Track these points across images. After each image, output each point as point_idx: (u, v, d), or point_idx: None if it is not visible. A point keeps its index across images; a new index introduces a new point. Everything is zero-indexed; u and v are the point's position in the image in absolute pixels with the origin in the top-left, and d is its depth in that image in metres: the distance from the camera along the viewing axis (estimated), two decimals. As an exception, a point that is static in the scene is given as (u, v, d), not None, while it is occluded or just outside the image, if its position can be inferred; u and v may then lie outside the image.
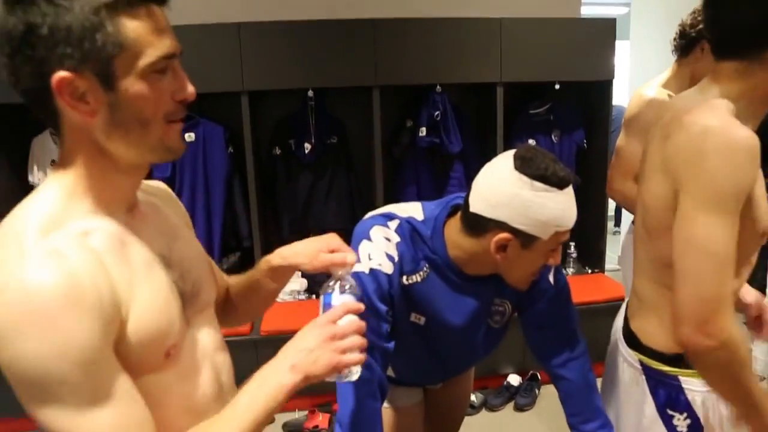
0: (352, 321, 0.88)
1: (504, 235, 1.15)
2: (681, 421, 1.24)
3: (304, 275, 3.25)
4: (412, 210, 1.30)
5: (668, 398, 1.24)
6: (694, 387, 1.23)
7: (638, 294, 1.29)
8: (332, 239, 1.02)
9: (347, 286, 0.93)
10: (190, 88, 0.79)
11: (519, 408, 2.94)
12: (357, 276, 1.19)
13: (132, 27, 0.71)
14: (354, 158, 3.28)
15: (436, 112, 3.06)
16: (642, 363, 1.26)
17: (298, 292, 3.21)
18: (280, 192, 3.22)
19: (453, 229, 1.24)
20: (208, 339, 0.93)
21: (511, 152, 1.16)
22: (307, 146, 3.09)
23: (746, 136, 1.00)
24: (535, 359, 1.47)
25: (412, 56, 2.98)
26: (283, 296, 3.16)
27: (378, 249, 1.22)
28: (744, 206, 1.03)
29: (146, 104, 0.74)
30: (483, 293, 1.32)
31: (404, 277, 1.26)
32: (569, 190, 1.15)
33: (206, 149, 3.03)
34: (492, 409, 2.95)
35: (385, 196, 3.11)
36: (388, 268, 1.21)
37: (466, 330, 1.34)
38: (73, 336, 0.66)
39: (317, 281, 3.23)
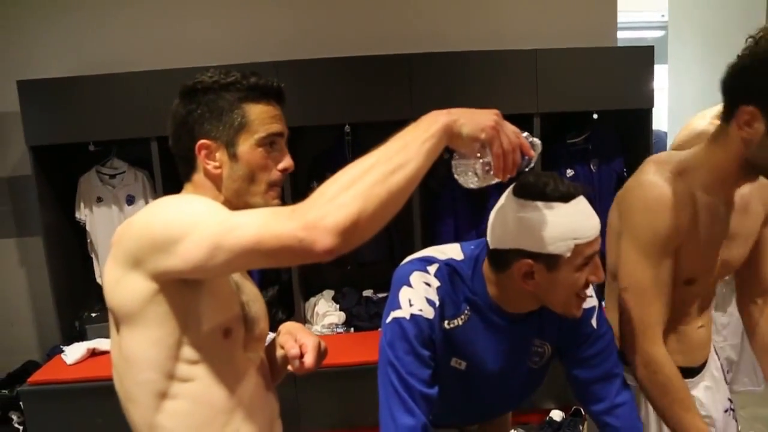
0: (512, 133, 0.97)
1: (525, 261, 1.13)
2: None
3: (342, 308, 3.25)
4: (451, 251, 1.29)
5: None
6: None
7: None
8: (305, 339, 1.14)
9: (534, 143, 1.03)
10: (289, 161, 1.07)
11: (563, 445, 2.85)
12: (398, 322, 1.19)
13: (254, 112, 1.03)
14: (390, 191, 3.28)
15: (473, 144, 3.04)
16: None
17: (336, 325, 3.20)
18: (318, 225, 3.23)
19: (488, 268, 1.23)
20: (260, 364, 1.15)
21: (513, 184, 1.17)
22: (344, 180, 3.11)
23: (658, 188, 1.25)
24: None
25: (447, 90, 2.99)
26: (321, 329, 3.16)
27: (418, 295, 1.21)
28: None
29: (256, 167, 1.03)
30: (524, 334, 1.29)
31: (445, 322, 1.24)
32: (578, 202, 1.11)
33: (246, 184, 3.08)
34: (535, 446, 2.88)
35: (422, 228, 3.10)
36: (429, 313, 1.20)
37: (507, 373, 1.31)
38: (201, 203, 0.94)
39: (354, 314, 3.23)
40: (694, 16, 4.43)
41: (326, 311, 3.22)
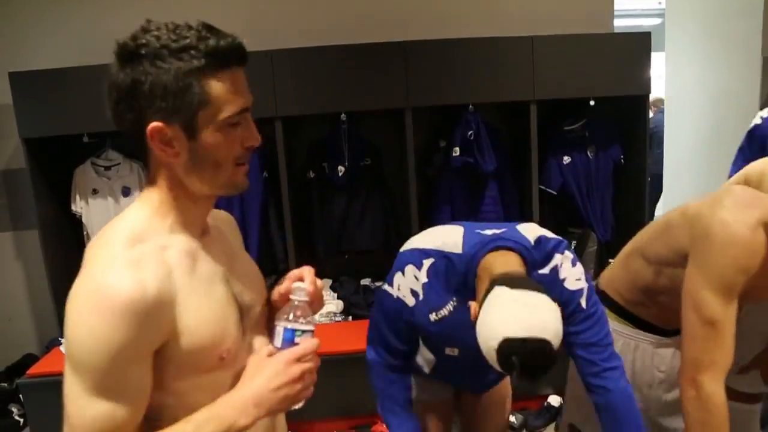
0: (313, 361, 0.96)
1: None
2: None
3: (340, 296, 3.26)
4: (452, 243, 1.35)
5: None
6: (614, 327, 1.48)
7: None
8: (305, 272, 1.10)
9: (304, 316, 0.98)
10: (257, 137, 0.92)
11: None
12: (386, 293, 1.41)
13: (216, 87, 0.85)
14: (387, 179, 3.28)
15: (470, 132, 3.05)
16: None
17: (335, 314, 3.21)
18: (315, 215, 3.24)
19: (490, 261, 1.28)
20: (261, 347, 1.04)
21: None
22: (341, 169, 3.11)
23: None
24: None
25: (444, 77, 2.98)
26: (320, 318, 3.16)
27: (406, 284, 1.39)
28: None
29: (220, 151, 0.88)
30: None
31: (432, 314, 1.37)
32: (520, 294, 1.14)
33: (242, 175, 3.08)
34: (533, 430, 2.91)
35: (419, 216, 3.10)
36: (410, 302, 1.39)
37: None
38: (115, 338, 0.79)
39: (352, 303, 3.24)
40: (691, 4, 4.41)
41: (324, 300, 3.21)
